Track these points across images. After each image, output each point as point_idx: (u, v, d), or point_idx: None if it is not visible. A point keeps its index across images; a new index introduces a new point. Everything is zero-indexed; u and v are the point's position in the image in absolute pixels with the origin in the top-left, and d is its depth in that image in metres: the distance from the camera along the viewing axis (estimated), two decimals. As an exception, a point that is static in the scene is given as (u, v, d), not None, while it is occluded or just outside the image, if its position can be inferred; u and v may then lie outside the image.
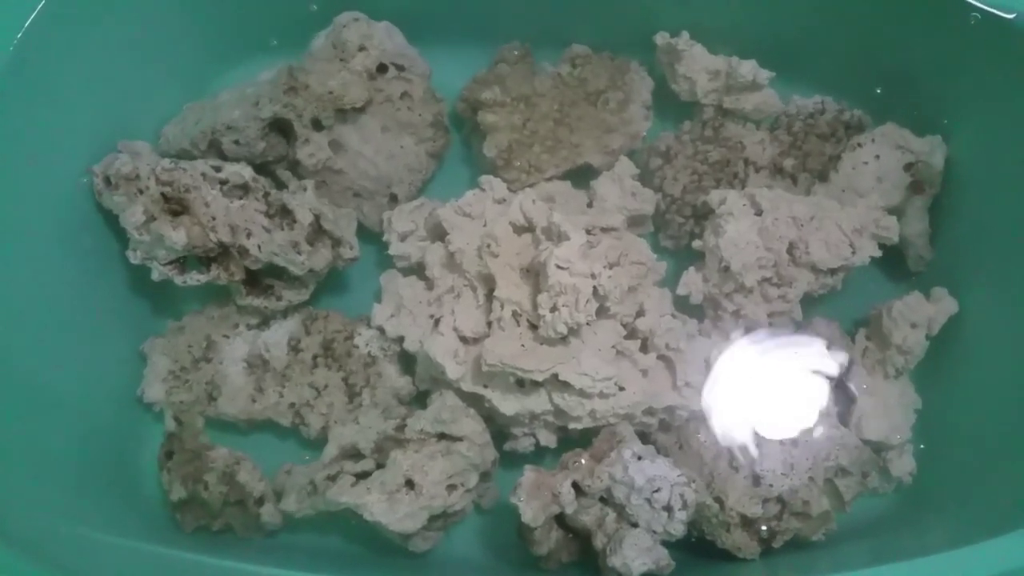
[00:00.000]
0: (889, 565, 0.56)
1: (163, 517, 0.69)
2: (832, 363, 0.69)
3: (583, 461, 0.63)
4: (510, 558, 0.68)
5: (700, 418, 0.67)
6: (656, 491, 0.60)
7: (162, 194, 0.68)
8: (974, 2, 0.66)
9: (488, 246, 0.67)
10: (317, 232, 0.70)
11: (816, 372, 0.69)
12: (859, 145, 0.73)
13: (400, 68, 0.76)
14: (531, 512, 0.60)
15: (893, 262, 0.74)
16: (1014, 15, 0.65)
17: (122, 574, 0.58)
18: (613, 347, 0.66)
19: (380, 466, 0.64)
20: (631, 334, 0.68)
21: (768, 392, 0.69)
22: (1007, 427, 0.65)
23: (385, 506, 0.62)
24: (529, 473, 0.62)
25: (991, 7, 0.66)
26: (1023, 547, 0.54)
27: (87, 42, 0.69)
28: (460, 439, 0.64)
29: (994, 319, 0.69)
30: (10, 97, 0.64)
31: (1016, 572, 0.54)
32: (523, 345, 0.64)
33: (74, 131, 0.70)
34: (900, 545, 0.64)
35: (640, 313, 0.68)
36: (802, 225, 0.68)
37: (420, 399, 0.71)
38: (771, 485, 0.64)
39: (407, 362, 0.72)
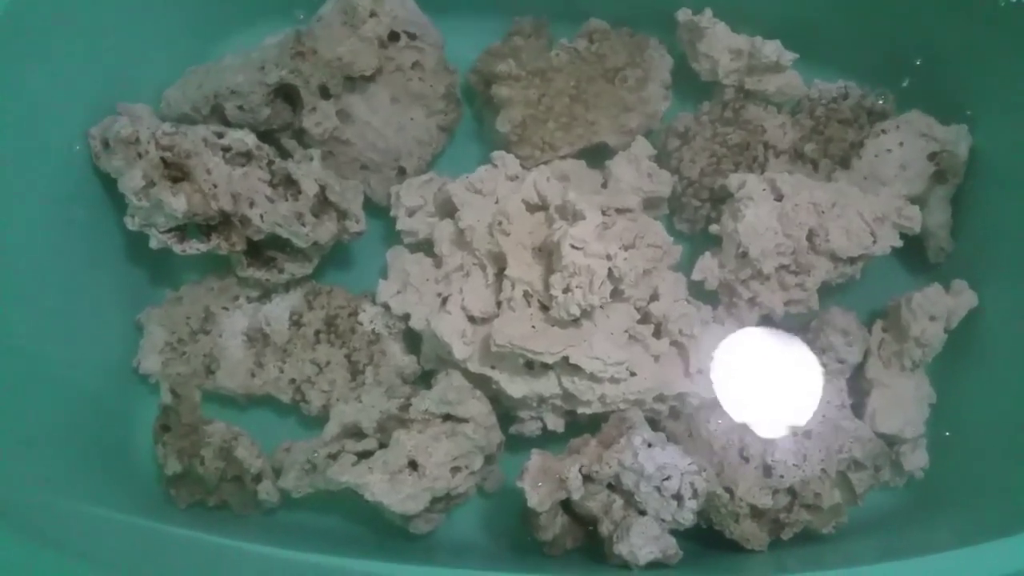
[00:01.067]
0: (900, 562, 0.54)
1: (157, 492, 0.68)
2: (848, 354, 0.67)
3: (592, 447, 0.61)
4: (513, 543, 0.67)
5: (711, 406, 0.66)
6: (666, 479, 0.59)
7: (162, 159, 0.66)
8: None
9: (500, 224, 0.65)
10: (322, 204, 0.68)
11: (831, 363, 0.68)
12: (883, 132, 0.71)
13: (412, 36, 0.74)
14: (537, 497, 0.59)
15: (913, 253, 0.73)
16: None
17: (114, 549, 0.56)
18: (626, 331, 0.64)
19: (383, 446, 0.63)
20: (644, 318, 0.66)
21: (781, 382, 0.67)
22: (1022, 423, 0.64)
23: (387, 487, 0.61)
24: (536, 457, 0.60)
25: (1025, -8, 0.64)
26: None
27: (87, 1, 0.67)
28: (465, 421, 0.63)
29: (1014, 314, 0.68)
30: (9, 51, 0.61)
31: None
32: (534, 326, 0.62)
33: (72, 92, 0.67)
34: (911, 541, 0.63)
35: (654, 297, 0.66)
36: (823, 212, 0.67)
37: (425, 379, 0.69)
38: (782, 476, 0.62)
39: (412, 341, 0.70)
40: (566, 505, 0.62)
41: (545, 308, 0.63)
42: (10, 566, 0.51)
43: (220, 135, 0.67)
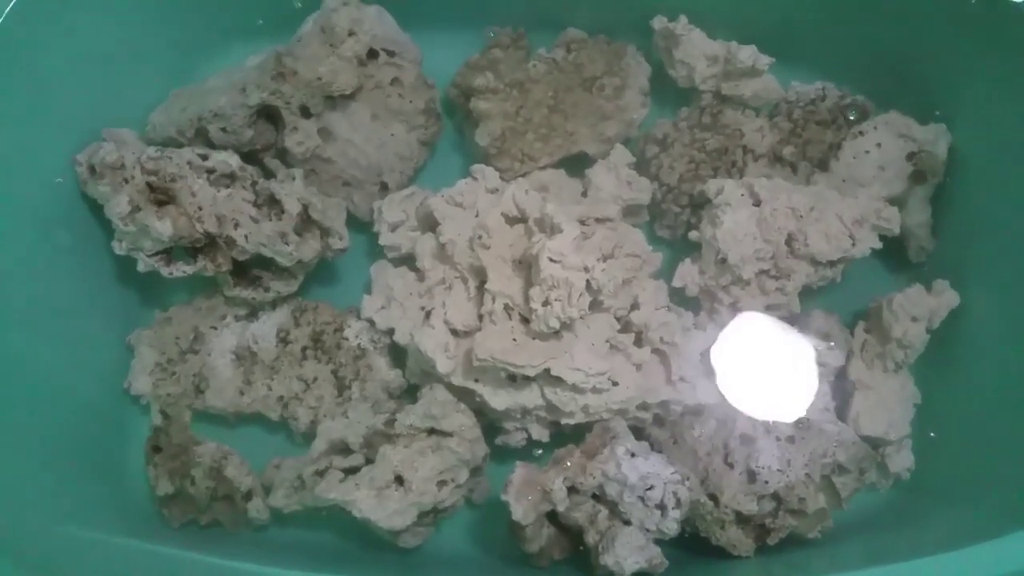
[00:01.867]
0: (886, 567, 0.55)
1: (150, 512, 0.69)
2: (830, 357, 0.68)
3: (576, 457, 0.62)
4: (501, 553, 0.67)
5: (695, 413, 0.66)
6: (649, 489, 0.59)
7: (147, 183, 0.66)
8: (981, -14, 0.64)
9: (480, 237, 0.65)
10: (306, 222, 0.69)
11: (814, 366, 0.68)
12: (861, 133, 0.71)
13: (391, 53, 0.74)
14: (521, 510, 0.59)
15: (894, 253, 0.73)
16: (1021, 0, 0.63)
17: (108, 572, 0.57)
18: (607, 341, 0.65)
19: (369, 461, 0.63)
20: (625, 327, 0.66)
21: (764, 387, 0.67)
22: (1009, 424, 0.64)
23: (374, 503, 0.61)
24: (520, 470, 0.61)
25: (999, -8, 0.64)
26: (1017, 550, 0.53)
27: (71, 25, 0.68)
28: (450, 434, 0.63)
29: (996, 313, 0.68)
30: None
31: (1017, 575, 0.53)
32: (515, 339, 0.63)
33: (58, 118, 0.68)
34: (897, 544, 0.63)
35: (634, 306, 0.67)
36: (801, 216, 0.67)
37: (410, 392, 0.70)
38: (767, 482, 0.63)
39: (397, 354, 0.71)
40: (552, 516, 0.62)
41: (526, 321, 0.64)
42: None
43: (204, 157, 0.68)
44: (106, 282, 0.72)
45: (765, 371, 0.68)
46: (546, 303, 0.61)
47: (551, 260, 0.61)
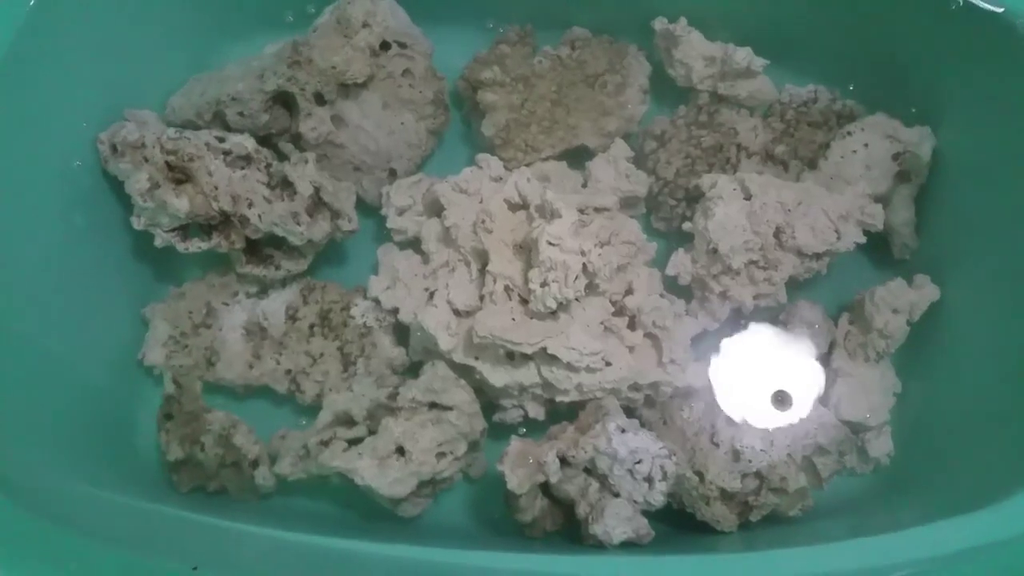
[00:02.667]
0: (862, 539, 0.58)
1: (159, 478, 0.71)
2: (814, 345, 0.71)
3: (569, 433, 0.65)
4: (496, 527, 0.70)
5: (684, 395, 0.69)
6: (638, 462, 0.62)
7: (166, 162, 0.69)
8: (965, -5, 0.68)
9: (483, 222, 0.68)
10: (317, 204, 0.72)
11: (798, 353, 0.71)
12: (848, 133, 0.74)
13: (403, 46, 0.78)
14: (516, 479, 0.62)
15: (879, 250, 0.76)
16: (1002, 9, 0.67)
17: (120, 528, 0.60)
18: (601, 323, 0.68)
19: (372, 433, 0.66)
20: (619, 311, 0.69)
21: (750, 371, 0.70)
22: (983, 412, 0.67)
23: (376, 471, 0.64)
24: (516, 442, 0.64)
25: (980, 1, 0.67)
26: (990, 524, 0.56)
27: (97, 12, 0.71)
28: (450, 408, 0.66)
29: (975, 307, 0.71)
30: (23, 61, 0.65)
31: (982, 548, 0.55)
32: (514, 319, 0.66)
33: (82, 98, 0.71)
34: (875, 522, 0.66)
35: (629, 291, 0.70)
36: (789, 210, 0.70)
37: (413, 369, 0.72)
38: (750, 461, 0.65)
39: (401, 333, 0.73)
40: (546, 489, 0.65)
41: (525, 301, 0.67)
42: (25, 541, 0.54)
43: (221, 139, 0.71)
44: (123, 258, 0.75)
45: (751, 358, 0.71)
46: (544, 284, 0.64)
47: (550, 243, 0.64)
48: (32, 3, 0.67)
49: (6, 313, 0.64)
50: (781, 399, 0.70)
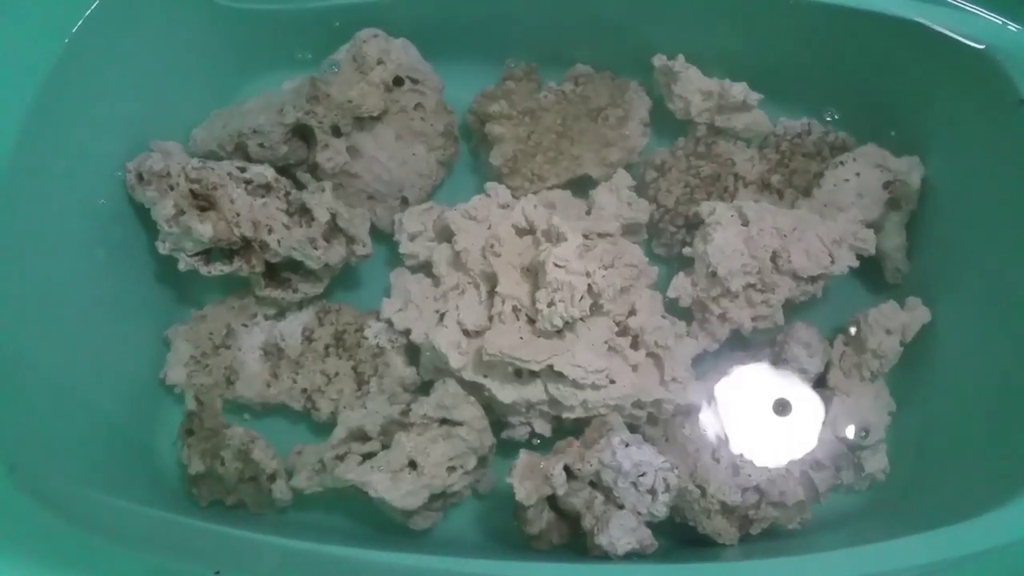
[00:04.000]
0: (858, 547, 0.60)
1: (179, 491, 0.74)
2: (810, 365, 0.73)
3: (575, 447, 0.67)
4: (504, 540, 0.72)
5: (685, 412, 0.72)
6: (641, 475, 0.64)
7: (191, 190, 0.72)
8: (948, 33, 0.72)
9: (492, 246, 0.72)
10: (333, 230, 0.75)
11: (795, 373, 0.74)
12: (841, 163, 0.78)
13: (415, 81, 0.81)
14: (524, 491, 0.64)
15: (872, 275, 0.79)
16: (984, 46, 0.71)
17: (147, 537, 0.62)
18: (605, 343, 0.70)
19: (385, 447, 0.68)
20: (623, 331, 0.72)
21: (750, 390, 0.73)
22: (974, 429, 0.70)
23: (389, 484, 0.66)
24: (524, 456, 0.66)
25: (964, 38, 0.71)
26: (981, 533, 0.58)
27: (127, 50, 0.75)
28: (460, 424, 0.68)
29: (965, 328, 0.73)
30: (58, 96, 0.69)
31: (973, 556, 0.58)
32: (521, 337, 0.69)
33: (111, 130, 0.75)
34: (872, 535, 0.68)
35: (632, 312, 0.72)
36: (785, 235, 0.73)
37: (424, 388, 0.75)
38: (750, 475, 0.68)
39: (413, 354, 0.76)
40: (552, 503, 0.68)
41: (532, 321, 0.69)
42: (60, 548, 0.57)
43: (243, 169, 0.74)
44: (147, 281, 0.78)
45: (750, 377, 0.74)
46: (551, 304, 0.67)
47: (556, 265, 0.67)
48: (66, 42, 0.71)
49: (37, 334, 0.67)
50: (780, 416, 0.72)
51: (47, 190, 0.69)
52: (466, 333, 0.71)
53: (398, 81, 0.81)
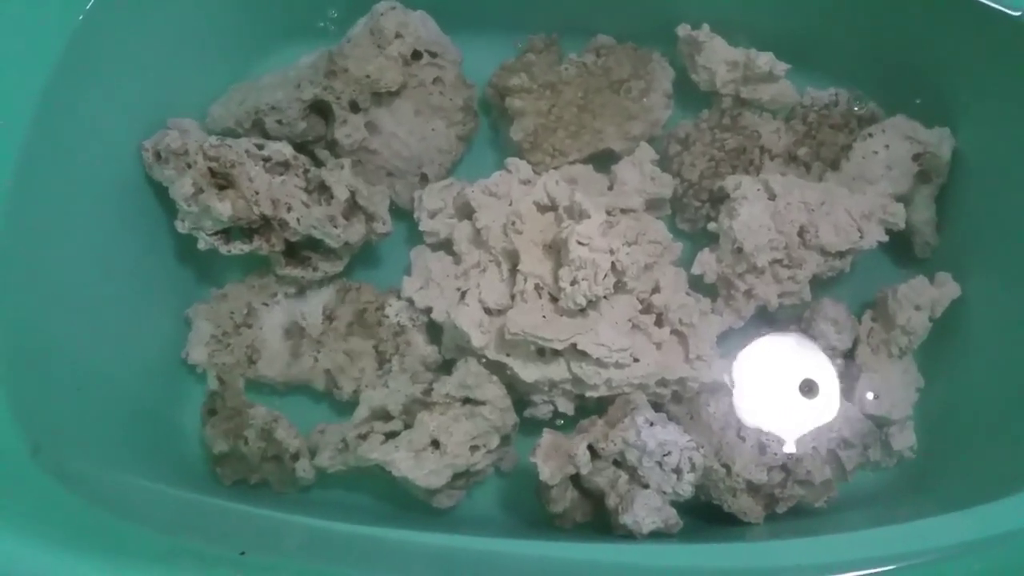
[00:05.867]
0: (886, 527, 0.59)
1: (203, 471, 0.74)
2: (838, 341, 0.72)
3: (598, 427, 0.67)
4: (527, 518, 0.72)
5: (710, 390, 0.71)
6: (666, 454, 0.64)
7: (209, 169, 0.72)
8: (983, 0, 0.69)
9: (513, 223, 0.71)
10: (352, 208, 0.74)
11: (823, 350, 0.73)
12: (870, 135, 0.76)
13: (433, 55, 0.80)
14: (548, 471, 0.64)
15: (901, 249, 0.78)
16: (1019, 13, 0.68)
17: (171, 517, 0.63)
18: (629, 320, 0.69)
19: (408, 427, 0.68)
20: (647, 309, 0.71)
21: (776, 367, 0.72)
22: (1004, 406, 0.69)
23: (412, 463, 0.66)
24: (547, 435, 0.66)
25: (999, 5, 0.69)
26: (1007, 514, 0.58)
27: (143, 26, 0.73)
28: (483, 403, 0.68)
29: (996, 304, 0.72)
30: (73, 73, 0.68)
31: (1001, 537, 0.57)
32: (544, 316, 0.68)
33: (127, 108, 0.74)
34: (900, 513, 0.67)
35: (656, 289, 0.72)
36: (812, 210, 0.72)
37: (446, 367, 0.75)
38: (775, 454, 0.67)
39: (434, 332, 0.76)
40: (576, 481, 0.67)
41: (554, 299, 0.69)
42: (86, 528, 0.57)
43: (261, 147, 0.73)
44: (167, 260, 0.78)
45: (777, 354, 0.73)
46: (574, 282, 0.66)
47: (579, 243, 0.66)
48: (81, 18, 0.70)
49: (58, 315, 0.67)
50: (806, 393, 0.71)
51: (65, 170, 0.69)
52: (488, 311, 0.70)
53: (416, 55, 0.79)
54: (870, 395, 0.71)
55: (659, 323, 0.71)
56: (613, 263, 0.67)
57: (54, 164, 0.68)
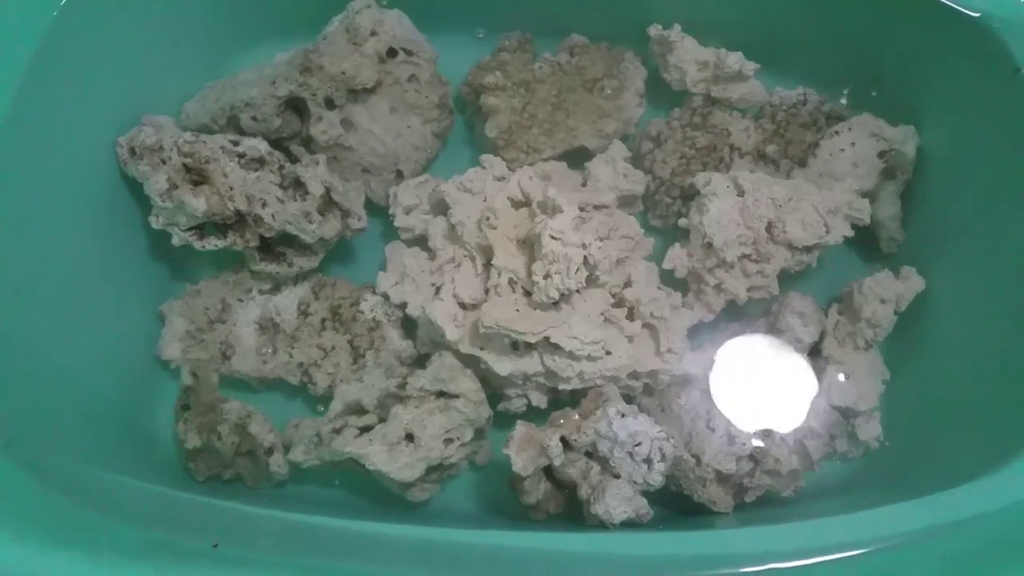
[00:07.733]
0: (852, 514, 0.61)
1: (176, 467, 0.74)
2: (805, 334, 0.74)
3: (571, 419, 0.68)
4: (501, 511, 0.72)
5: (681, 382, 0.72)
6: (637, 445, 0.65)
7: (184, 164, 0.72)
8: (944, 0, 0.71)
9: (487, 219, 0.72)
10: (327, 204, 0.75)
11: (790, 343, 0.74)
12: (836, 133, 0.77)
13: (409, 53, 0.81)
14: (521, 462, 0.65)
15: (867, 244, 0.79)
16: (979, 14, 0.70)
17: (145, 511, 0.63)
18: (601, 314, 0.70)
19: (382, 420, 0.69)
20: (619, 303, 0.72)
21: (745, 360, 0.73)
22: (967, 396, 0.70)
23: (386, 456, 0.66)
24: (521, 427, 0.66)
25: (959, 6, 0.71)
26: (973, 498, 0.59)
27: (118, 23, 0.74)
28: (457, 396, 0.68)
29: (959, 298, 0.74)
30: (47, 69, 0.68)
31: (966, 521, 0.58)
32: (518, 310, 0.69)
33: (102, 104, 0.74)
34: (863, 502, 0.68)
35: (628, 284, 0.73)
36: (780, 206, 0.73)
37: (420, 362, 0.75)
38: (744, 444, 0.68)
39: (409, 327, 0.76)
40: (549, 473, 0.68)
41: (528, 294, 0.69)
42: (59, 522, 0.57)
43: (236, 143, 0.74)
44: (140, 256, 0.78)
45: (745, 347, 0.74)
46: (547, 276, 0.67)
47: (552, 237, 0.67)
48: (55, 14, 0.70)
49: (31, 312, 0.67)
50: (774, 385, 0.72)
51: (38, 165, 0.68)
52: (462, 306, 0.71)
53: (392, 52, 0.80)
54: (837, 387, 0.72)
55: (631, 317, 0.72)
56: (585, 257, 0.68)
57: (28, 160, 0.68)
